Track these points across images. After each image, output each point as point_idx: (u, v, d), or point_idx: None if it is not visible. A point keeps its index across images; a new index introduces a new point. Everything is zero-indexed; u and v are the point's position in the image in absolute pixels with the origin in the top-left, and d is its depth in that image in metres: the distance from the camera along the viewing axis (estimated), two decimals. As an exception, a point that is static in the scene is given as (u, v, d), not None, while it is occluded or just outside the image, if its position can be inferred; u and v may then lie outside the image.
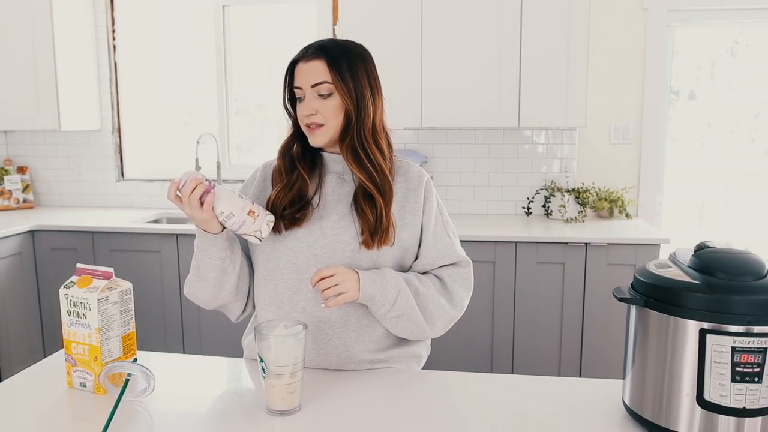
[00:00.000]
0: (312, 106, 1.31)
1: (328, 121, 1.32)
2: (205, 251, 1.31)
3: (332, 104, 1.32)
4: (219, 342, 3.10)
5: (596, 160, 3.37)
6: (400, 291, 1.31)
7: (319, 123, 1.32)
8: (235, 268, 1.35)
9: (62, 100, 3.42)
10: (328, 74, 1.30)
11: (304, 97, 1.33)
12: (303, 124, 1.35)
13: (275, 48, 3.69)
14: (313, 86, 1.31)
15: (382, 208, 1.31)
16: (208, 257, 1.31)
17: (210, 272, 1.33)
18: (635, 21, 3.26)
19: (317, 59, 1.31)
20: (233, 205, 1.24)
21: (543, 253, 2.83)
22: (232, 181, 3.67)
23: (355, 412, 1.15)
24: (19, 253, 3.16)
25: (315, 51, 1.32)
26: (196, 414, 1.15)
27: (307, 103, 1.32)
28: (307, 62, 1.32)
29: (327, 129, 1.33)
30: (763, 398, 0.95)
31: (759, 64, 3.29)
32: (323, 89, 1.31)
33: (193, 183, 1.21)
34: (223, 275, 1.34)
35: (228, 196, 1.25)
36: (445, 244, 1.41)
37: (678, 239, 2.88)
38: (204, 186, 1.22)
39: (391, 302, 1.30)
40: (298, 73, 1.33)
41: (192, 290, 1.39)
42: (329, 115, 1.32)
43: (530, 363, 2.91)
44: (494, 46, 2.99)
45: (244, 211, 1.25)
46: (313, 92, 1.31)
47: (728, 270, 0.98)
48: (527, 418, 1.13)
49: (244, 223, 1.25)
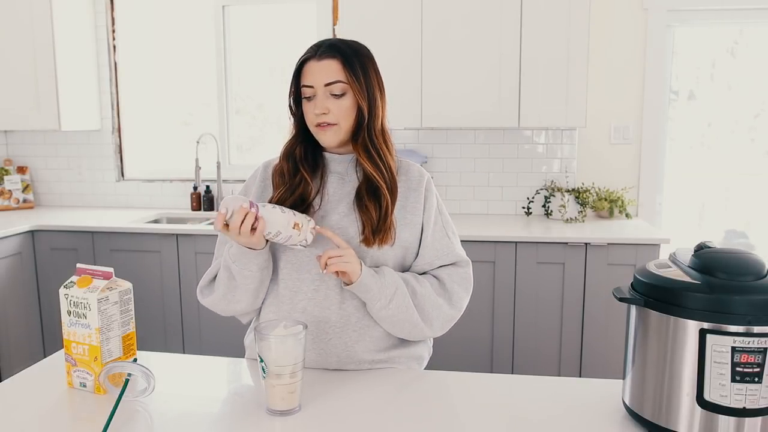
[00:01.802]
0: (324, 105, 1.30)
1: (341, 121, 1.32)
2: (244, 266, 1.30)
3: (345, 104, 1.31)
4: (219, 342, 3.10)
5: (596, 160, 3.37)
6: (398, 289, 1.31)
7: (331, 122, 1.32)
8: (269, 276, 1.36)
9: (62, 100, 3.42)
10: (342, 73, 1.30)
11: (314, 96, 1.32)
12: (313, 123, 1.34)
13: (275, 48, 3.69)
14: (326, 85, 1.30)
15: (388, 206, 1.32)
16: (248, 270, 1.30)
17: (249, 284, 1.32)
18: (635, 21, 3.26)
19: (331, 58, 1.30)
20: (280, 223, 1.24)
21: (543, 253, 2.83)
22: (232, 182, 3.67)
23: (355, 412, 1.15)
24: (19, 253, 3.16)
25: (328, 50, 1.31)
26: (196, 414, 1.15)
27: (319, 102, 1.31)
28: (320, 61, 1.31)
29: (339, 129, 1.33)
30: (763, 398, 0.95)
31: (759, 64, 3.29)
32: (337, 89, 1.30)
33: (241, 214, 1.19)
34: (261, 285, 1.34)
35: (274, 216, 1.23)
36: (444, 243, 1.41)
37: (678, 239, 2.88)
38: (252, 214, 1.20)
39: (387, 298, 1.30)
40: (309, 72, 1.32)
41: (219, 300, 1.38)
42: (342, 115, 1.32)
43: (530, 363, 2.91)
44: (494, 45, 2.99)
45: (290, 225, 1.25)
46: (326, 91, 1.30)
47: (728, 270, 0.98)
48: (527, 418, 1.13)
49: (290, 237, 1.25)
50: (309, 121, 1.35)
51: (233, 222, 1.20)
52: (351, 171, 1.39)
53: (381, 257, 1.34)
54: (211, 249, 3.03)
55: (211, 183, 3.65)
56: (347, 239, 1.33)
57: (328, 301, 1.33)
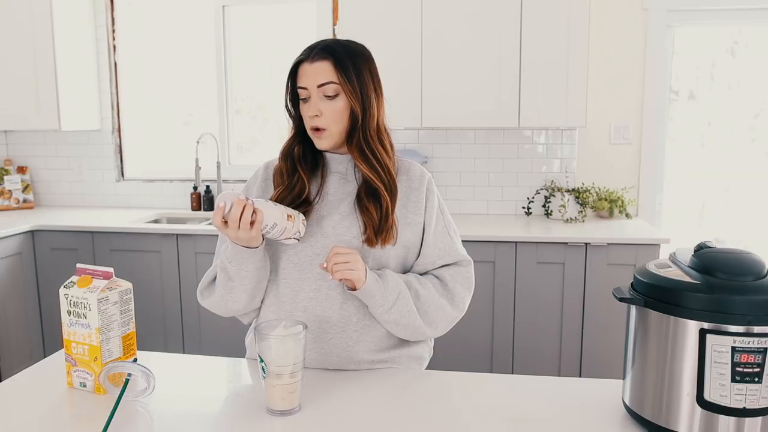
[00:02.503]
0: (317, 107, 1.31)
1: (331, 126, 1.32)
2: (241, 265, 1.29)
3: (338, 105, 1.31)
4: (219, 342, 3.10)
5: (596, 160, 3.37)
6: (400, 294, 1.31)
7: (321, 127, 1.32)
8: (267, 276, 1.36)
9: (62, 100, 3.42)
10: (334, 75, 1.30)
11: (309, 97, 1.32)
12: (309, 126, 1.34)
13: (275, 48, 3.69)
14: (319, 86, 1.30)
15: (388, 207, 1.32)
16: (245, 270, 1.30)
17: (246, 284, 1.32)
18: (635, 21, 3.26)
19: (323, 60, 1.31)
20: (275, 215, 1.23)
21: (543, 253, 2.83)
22: (232, 182, 3.67)
23: (355, 412, 1.15)
24: (19, 253, 3.16)
25: (320, 51, 1.31)
26: (196, 414, 1.15)
27: (312, 104, 1.31)
28: (313, 63, 1.31)
29: (330, 134, 1.33)
30: (763, 398, 0.95)
31: (759, 64, 3.29)
32: (329, 90, 1.30)
33: (239, 206, 1.19)
34: (258, 285, 1.34)
35: (268, 209, 1.23)
36: (445, 243, 1.41)
37: (678, 239, 2.88)
38: (251, 207, 1.20)
39: (390, 303, 1.30)
40: (303, 74, 1.32)
41: (218, 301, 1.38)
42: (334, 118, 1.32)
43: (530, 363, 2.91)
44: (494, 45, 2.99)
45: (284, 217, 1.24)
46: (319, 93, 1.31)
47: (728, 270, 0.98)
48: (527, 418, 1.13)
49: (285, 229, 1.25)
50: (305, 124, 1.35)
51: (232, 215, 1.19)
52: (352, 171, 1.39)
53: (383, 257, 1.34)
54: (210, 249, 3.03)
55: (211, 183, 3.65)
56: (349, 239, 1.33)
57: (330, 301, 1.33)
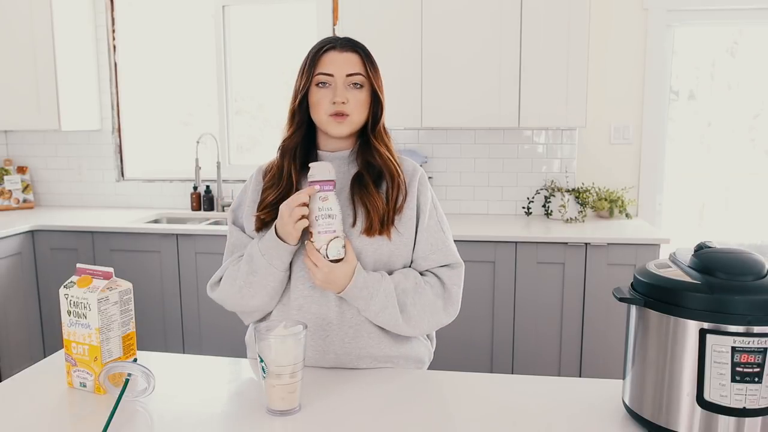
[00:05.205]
0: (345, 95, 1.33)
1: (354, 114, 1.35)
2: (272, 260, 1.30)
3: (362, 96, 1.35)
4: (219, 342, 3.10)
5: (596, 160, 3.37)
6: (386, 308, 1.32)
7: (346, 113, 1.34)
8: (285, 283, 1.36)
9: (62, 100, 3.42)
10: (362, 68, 1.35)
11: (331, 84, 1.34)
12: (327, 112, 1.34)
13: (275, 48, 3.69)
14: (348, 75, 1.33)
15: (396, 197, 1.35)
16: (274, 267, 1.31)
17: (270, 281, 1.33)
18: (635, 21, 3.26)
19: (353, 52, 1.36)
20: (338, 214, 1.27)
21: (543, 253, 2.83)
22: (232, 181, 3.67)
23: (355, 412, 1.15)
24: (19, 253, 3.16)
25: (348, 43, 1.37)
26: (196, 414, 1.15)
27: (339, 92, 1.33)
28: (343, 52, 1.35)
29: (352, 121, 1.36)
30: (763, 398, 0.95)
31: (759, 64, 3.29)
32: (358, 80, 1.34)
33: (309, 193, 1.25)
34: (279, 287, 1.35)
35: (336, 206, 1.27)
36: (438, 237, 1.41)
37: (678, 239, 2.88)
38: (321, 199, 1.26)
39: (373, 314, 1.32)
40: (331, 61, 1.34)
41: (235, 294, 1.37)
42: (358, 107, 1.35)
43: (530, 363, 2.91)
44: (494, 45, 2.99)
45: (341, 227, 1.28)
46: (346, 81, 1.34)
47: (728, 270, 0.98)
48: (527, 418, 1.13)
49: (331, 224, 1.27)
50: (322, 110, 1.35)
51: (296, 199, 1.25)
52: (343, 168, 1.40)
53: (377, 251, 1.34)
54: (210, 249, 3.03)
55: (211, 183, 3.65)
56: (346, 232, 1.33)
57: (326, 299, 1.34)
